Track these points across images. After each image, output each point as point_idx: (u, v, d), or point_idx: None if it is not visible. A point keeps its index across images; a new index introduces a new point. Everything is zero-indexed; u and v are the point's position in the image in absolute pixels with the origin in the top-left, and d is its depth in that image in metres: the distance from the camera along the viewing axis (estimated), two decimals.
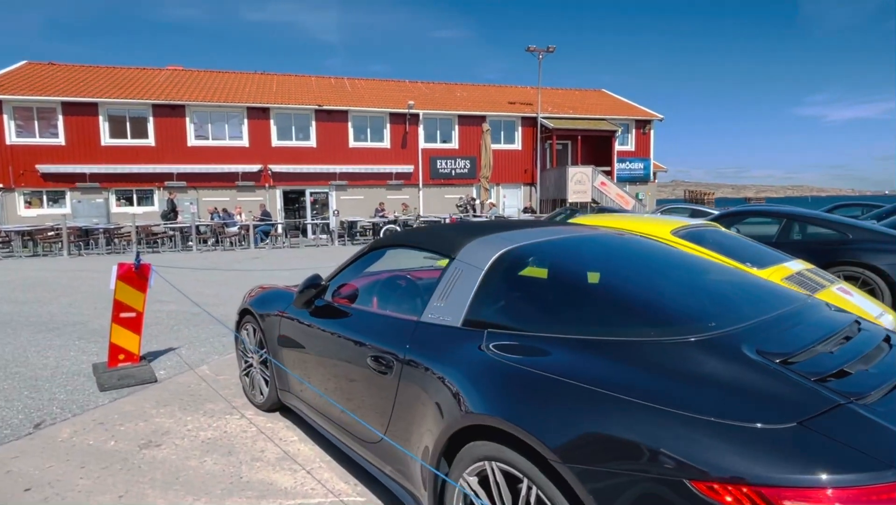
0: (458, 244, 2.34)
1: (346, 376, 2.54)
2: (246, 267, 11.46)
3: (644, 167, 24.95)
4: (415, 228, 2.88)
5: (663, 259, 2.42)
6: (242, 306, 3.77)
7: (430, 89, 24.44)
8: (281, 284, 4.11)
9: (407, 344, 2.17)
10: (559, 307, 2.03)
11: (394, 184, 21.35)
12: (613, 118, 23.76)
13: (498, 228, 2.52)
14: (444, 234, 2.56)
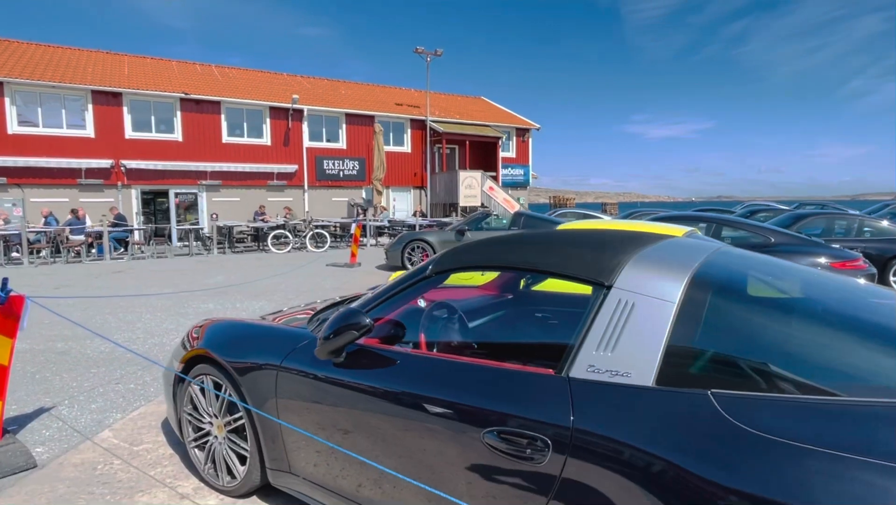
0: (606, 265, 1.73)
1: (430, 461, 1.77)
2: (126, 287, 9.37)
3: (524, 173, 26.08)
4: (499, 241, 2.09)
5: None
6: (192, 350, 2.71)
7: (312, 84, 22.86)
8: (242, 316, 3.10)
9: (563, 413, 1.51)
10: (817, 349, 1.53)
11: (275, 185, 19.49)
12: (497, 125, 24.44)
13: (631, 240, 1.94)
14: (568, 250, 1.91)
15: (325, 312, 2.83)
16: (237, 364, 2.45)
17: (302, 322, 2.91)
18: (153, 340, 5.48)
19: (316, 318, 2.69)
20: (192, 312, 6.87)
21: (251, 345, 2.49)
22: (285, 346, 2.34)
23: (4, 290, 2.77)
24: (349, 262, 11.73)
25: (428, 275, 2.12)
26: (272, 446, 2.33)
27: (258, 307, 7.16)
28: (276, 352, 2.34)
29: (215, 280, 9.62)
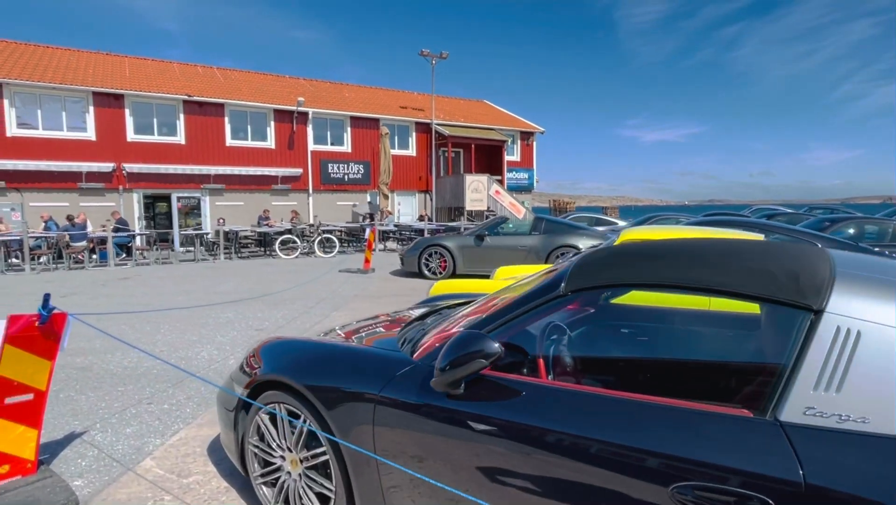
0: (807, 285, 1.46)
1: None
2: (136, 294, 9.01)
3: (528, 177, 25.88)
4: (649, 253, 1.77)
5: None
6: (260, 375, 2.42)
7: (315, 87, 22.56)
8: (309, 336, 2.81)
9: (786, 466, 1.24)
10: None
11: (280, 188, 19.15)
12: (501, 128, 24.24)
13: (804, 253, 1.67)
14: (749, 265, 1.62)
15: (410, 329, 2.55)
16: (322, 392, 2.16)
17: (382, 337, 2.62)
18: (178, 354, 5.16)
19: (403, 337, 2.41)
20: (211, 322, 6.55)
21: (338, 370, 2.20)
22: (382, 372, 2.06)
23: (46, 307, 2.46)
24: (363, 267, 11.43)
25: (562, 294, 1.83)
26: (366, 487, 2.04)
27: (279, 316, 6.85)
28: (373, 379, 2.05)
29: (227, 287, 9.29)
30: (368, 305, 7.62)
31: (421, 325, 2.61)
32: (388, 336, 2.55)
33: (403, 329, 2.57)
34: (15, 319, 2.41)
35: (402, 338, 2.40)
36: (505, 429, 1.69)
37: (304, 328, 6.24)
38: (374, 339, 2.56)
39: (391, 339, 2.45)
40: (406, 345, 2.26)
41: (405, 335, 2.43)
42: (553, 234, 9.87)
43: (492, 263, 9.99)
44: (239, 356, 5.06)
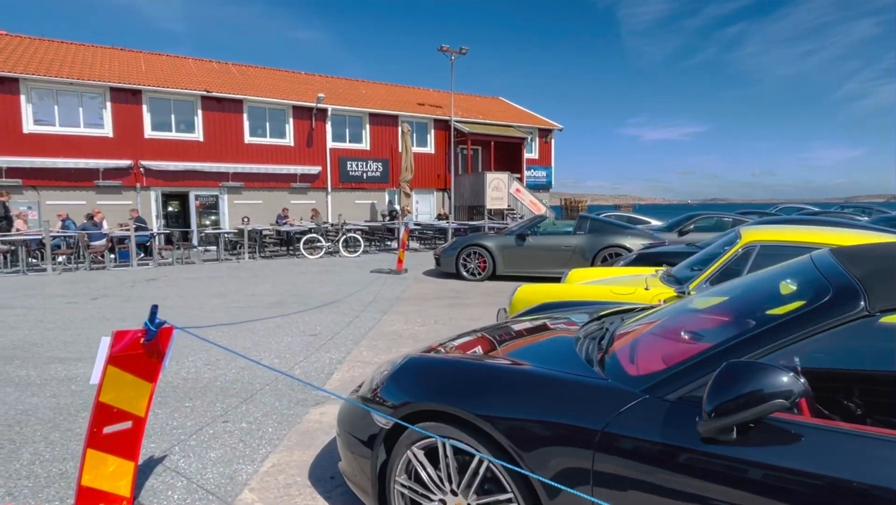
0: None
1: None
2: (169, 296, 8.64)
3: (546, 175, 25.46)
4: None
5: None
6: (417, 404, 2.03)
7: (331, 84, 22.17)
8: (410, 351, 2.43)
9: None
10: None
11: (298, 186, 18.77)
12: (520, 126, 23.83)
13: None
14: None
15: (584, 344, 2.16)
16: (509, 425, 1.77)
17: (546, 355, 2.22)
18: (238, 364, 4.78)
19: (586, 356, 2.01)
20: (259, 327, 6.17)
21: (532, 399, 1.80)
22: (597, 402, 1.67)
23: (154, 321, 2.08)
24: (396, 268, 11.04)
25: (865, 313, 1.43)
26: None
27: (330, 321, 6.47)
28: (587, 411, 1.66)
29: (263, 289, 8.90)
30: (418, 309, 7.23)
31: (600, 335, 2.23)
32: (561, 353, 2.16)
33: (580, 344, 2.17)
34: (120, 336, 2.03)
35: (585, 358, 2.01)
36: (802, 484, 1.30)
37: (360, 333, 5.85)
38: (516, 356, 2.17)
39: (570, 358, 2.05)
40: (599, 367, 1.88)
41: (587, 354, 2.04)
42: (600, 233, 9.47)
43: (534, 264, 9.62)
44: (304, 365, 4.68)
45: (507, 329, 2.88)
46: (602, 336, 2.27)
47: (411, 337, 5.73)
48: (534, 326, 2.84)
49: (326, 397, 3.96)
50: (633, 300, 3.87)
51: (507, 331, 2.82)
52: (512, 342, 2.60)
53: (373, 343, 5.49)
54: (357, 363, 4.79)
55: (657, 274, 4.36)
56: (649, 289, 3.89)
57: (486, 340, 2.66)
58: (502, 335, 2.72)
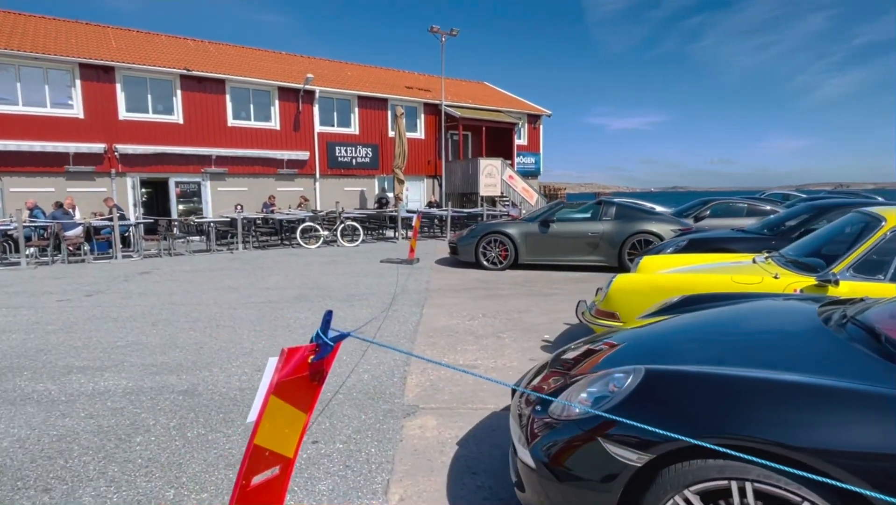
0: None
1: None
2: (170, 290, 7.85)
3: (535, 161, 25.15)
4: None
5: None
6: (675, 442, 1.53)
7: (315, 65, 21.12)
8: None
9: None
10: None
11: (285, 173, 17.83)
12: (510, 111, 23.37)
13: None
14: None
15: (853, 336, 1.70)
16: (866, 464, 1.31)
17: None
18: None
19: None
20: (291, 322, 5.55)
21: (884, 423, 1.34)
22: None
23: (329, 334, 1.52)
24: (408, 257, 10.47)
25: None
26: None
27: (366, 315, 5.89)
28: None
29: (274, 282, 8.20)
30: (456, 301, 6.72)
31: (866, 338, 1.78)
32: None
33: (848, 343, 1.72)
34: (291, 354, 1.47)
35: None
36: None
37: (408, 330, 5.31)
38: (753, 363, 1.71)
39: (860, 362, 1.60)
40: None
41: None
42: (627, 219, 9.13)
43: (557, 252, 9.22)
44: (367, 368, 4.12)
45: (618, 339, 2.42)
46: (869, 330, 1.83)
47: (468, 333, 5.23)
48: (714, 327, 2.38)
49: (416, 407, 3.44)
50: (760, 290, 3.48)
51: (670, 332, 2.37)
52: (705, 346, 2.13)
53: (430, 340, 4.96)
54: (426, 367, 4.26)
55: (765, 261, 3.98)
56: (779, 277, 3.49)
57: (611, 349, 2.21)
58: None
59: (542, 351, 4.62)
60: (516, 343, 4.88)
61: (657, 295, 3.78)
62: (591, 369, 2.13)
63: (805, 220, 6.39)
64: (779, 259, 3.90)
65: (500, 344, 4.85)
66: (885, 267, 3.24)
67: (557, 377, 2.30)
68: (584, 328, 5.26)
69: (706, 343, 2.13)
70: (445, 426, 3.19)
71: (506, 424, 3.19)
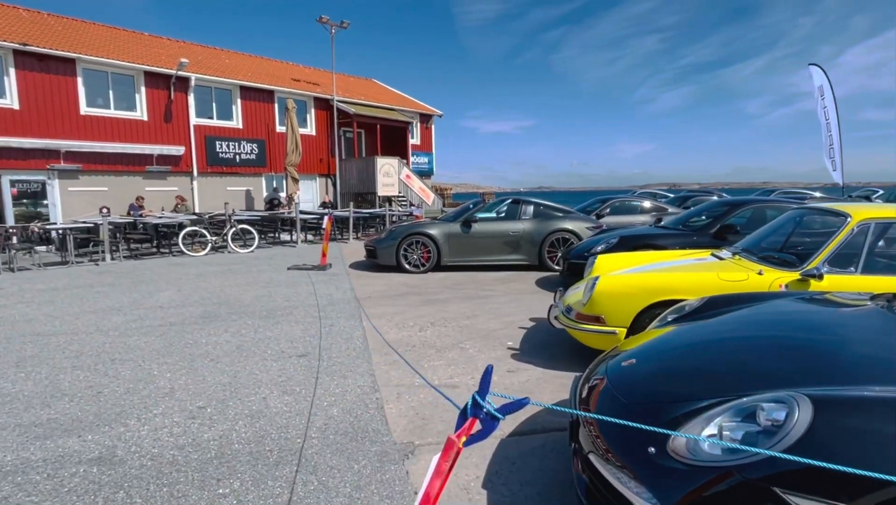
0: None
1: None
2: (36, 316, 6.21)
3: (428, 161, 25.07)
4: None
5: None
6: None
7: (187, 50, 18.77)
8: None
9: None
10: None
11: (156, 170, 15.56)
12: (403, 109, 22.99)
13: None
14: None
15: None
16: None
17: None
18: (215, 408, 3.36)
19: None
20: (210, 350, 4.61)
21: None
22: None
23: (489, 401, 1.00)
24: (319, 263, 9.59)
25: None
26: None
27: (301, 334, 5.12)
28: None
29: (165, 299, 6.93)
30: (396, 310, 6.18)
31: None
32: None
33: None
34: (450, 446, 0.93)
35: None
36: None
37: (357, 347, 4.68)
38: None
39: None
40: None
41: None
42: (544, 218, 9.23)
43: (480, 253, 9.08)
44: (335, 400, 3.46)
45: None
46: None
47: (426, 346, 4.74)
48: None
49: (412, 444, 2.91)
50: (747, 287, 3.50)
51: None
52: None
53: (389, 358, 4.40)
54: (398, 389, 3.72)
55: (733, 257, 4.07)
56: (763, 274, 3.54)
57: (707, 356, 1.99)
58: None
59: (514, 360, 4.31)
60: (483, 354, 4.51)
61: (644, 296, 3.66)
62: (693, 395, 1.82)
63: (718, 217, 6.88)
64: (748, 256, 3.99)
65: (466, 357, 4.45)
66: (856, 260, 3.42)
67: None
68: (546, 332, 5.07)
69: (810, 355, 1.92)
70: (458, 466, 2.71)
71: (526, 452, 2.81)
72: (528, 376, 3.95)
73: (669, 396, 1.91)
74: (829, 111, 17.10)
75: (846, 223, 3.49)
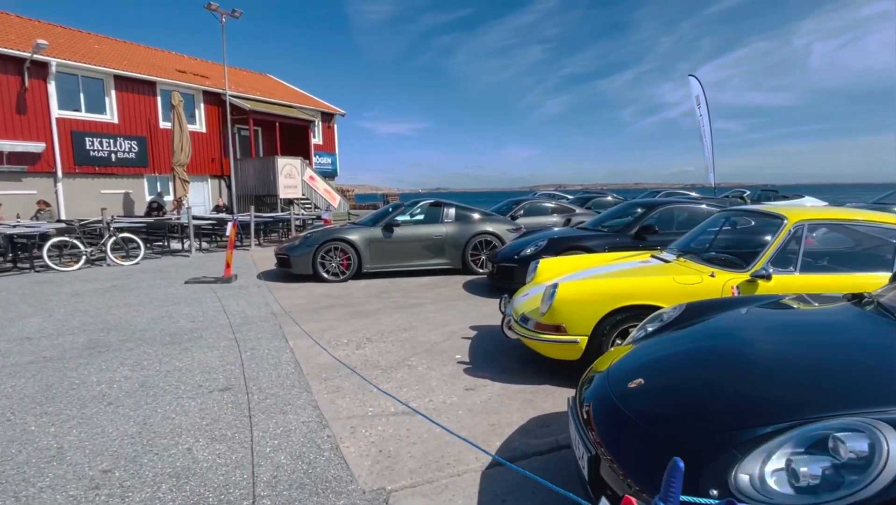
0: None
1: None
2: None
3: (332, 162, 24.11)
4: None
5: None
6: None
7: (43, 30, 16.13)
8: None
9: None
10: None
11: (6, 170, 13.17)
12: (303, 107, 21.83)
13: None
14: None
15: None
16: None
17: None
18: (126, 468, 2.72)
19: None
20: (101, 393, 3.80)
21: None
22: None
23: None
24: (223, 275, 8.62)
25: None
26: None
27: (218, 362, 4.44)
28: None
29: (32, 327, 5.74)
30: (324, 326, 5.64)
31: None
32: None
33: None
34: None
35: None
36: None
37: (289, 374, 4.14)
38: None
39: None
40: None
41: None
42: (465, 221, 9.10)
43: (403, 258, 8.76)
44: (268, 441, 2.95)
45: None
46: None
47: (370, 366, 4.32)
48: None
49: (384, 491, 2.52)
50: (702, 289, 3.54)
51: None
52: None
53: (331, 385, 3.92)
54: (351, 421, 3.28)
55: (677, 259, 4.14)
56: (715, 276, 3.61)
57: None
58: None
59: (469, 376, 4.04)
60: (434, 371, 4.19)
61: (606, 303, 3.58)
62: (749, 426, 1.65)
63: (637, 218, 7.17)
64: (692, 258, 4.08)
65: (417, 375, 4.09)
66: (794, 260, 3.59)
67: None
68: (492, 341, 4.85)
69: (842, 373, 1.84)
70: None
71: (513, 486, 2.53)
72: (488, 393, 3.70)
73: (705, 423, 1.73)
74: (705, 119, 19.03)
75: (783, 225, 3.67)
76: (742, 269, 3.62)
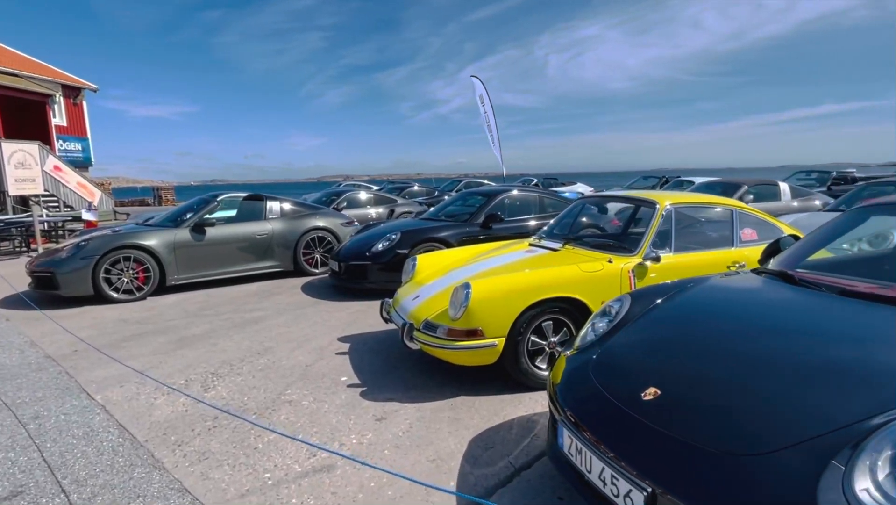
0: None
1: None
2: None
3: (84, 149, 19.40)
4: None
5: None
6: None
7: None
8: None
9: None
10: None
11: None
12: (37, 77, 16.97)
13: None
14: None
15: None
16: None
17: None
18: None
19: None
20: None
21: None
22: None
23: None
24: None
25: None
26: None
27: (15, 438, 2.93)
28: None
29: None
30: (140, 364, 4.26)
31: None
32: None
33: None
34: None
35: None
36: None
37: (110, 448, 2.94)
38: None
39: None
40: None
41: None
42: (294, 216, 8.07)
43: (223, 263, 7.46)
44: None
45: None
46: None
47: (237, 411, 3.32)
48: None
49: None
50: (605, 275, 3.59)
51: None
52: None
53: (192, 450, 2.87)
54: (250, 500, 2.40)
55: (563, 247, 4.16)
56: (612, 262, 3.68)
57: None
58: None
59: (372, 401, 3.41)
60: (325, 403, 3.43)
61: (522, 299, 3.36)
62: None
63: (481, 207, 7.23)
64: (578, 245, 4.12)
65: (306, 413, 3.29)
66: (668, 240, 3.89)
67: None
68: (373, 352, 4.24)
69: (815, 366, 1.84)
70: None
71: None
72: (405, 420, 3.15)
73: (777, 436, 1.57)
74: (489, 115, 20.70)
75: (657, 209, 3.94)
76: (631, 253, 3.77)
